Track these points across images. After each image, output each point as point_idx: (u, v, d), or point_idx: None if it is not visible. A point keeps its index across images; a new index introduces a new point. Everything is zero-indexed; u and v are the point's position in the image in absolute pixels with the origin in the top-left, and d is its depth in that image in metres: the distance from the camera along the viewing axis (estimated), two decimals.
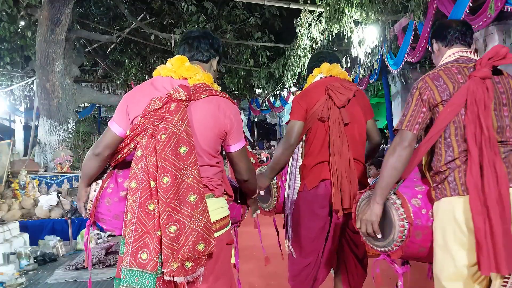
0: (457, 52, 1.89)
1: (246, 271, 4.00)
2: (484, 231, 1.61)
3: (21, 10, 7.73)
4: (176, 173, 1.56)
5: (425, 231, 1.80)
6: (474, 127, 1.69)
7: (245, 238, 2.60)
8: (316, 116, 2.46)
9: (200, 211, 1.58)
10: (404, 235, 1.77)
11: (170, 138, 1.59)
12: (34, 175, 6.12)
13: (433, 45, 2.02)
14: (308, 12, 6.47)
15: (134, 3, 9.57)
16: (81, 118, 10.50)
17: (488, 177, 1.64)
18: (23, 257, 4.04)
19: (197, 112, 1.70)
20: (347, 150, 2.42)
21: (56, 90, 7.41)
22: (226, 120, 1.73)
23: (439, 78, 1.80)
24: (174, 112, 1.62)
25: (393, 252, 1.84)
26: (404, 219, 1.78)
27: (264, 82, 10.04)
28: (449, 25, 1.96)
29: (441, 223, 1.75)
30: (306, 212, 2.53)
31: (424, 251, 1.83)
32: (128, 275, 1.58)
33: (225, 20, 9.08)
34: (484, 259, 1.61)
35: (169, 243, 1.54)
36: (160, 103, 1.64)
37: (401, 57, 5.67)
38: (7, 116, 14.56)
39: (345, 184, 2.39)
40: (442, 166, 1.77)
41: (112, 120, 1.76)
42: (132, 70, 10.59)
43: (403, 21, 5.49)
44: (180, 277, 1.57)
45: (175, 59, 1.79)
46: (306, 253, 2.53)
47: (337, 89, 2.45)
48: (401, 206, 1.79)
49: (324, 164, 2.46)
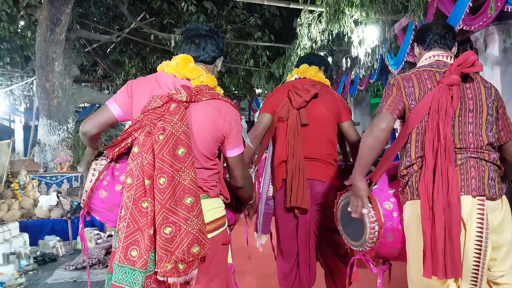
0: (433, 56, 1.92)
1: (245, 271, 4.00)
2: (430, 235, 1.67)
3: (21, 10, 7.73)
4: (173, 174, 1.56)
5: (396, 234, 1.87)
6: (433, 134, 1.74)
7: (243, 238, 2.60)
8: (278, 116, 2.57)
9: (195, 213, 1.57)
10: (374, 236, 1.86)
11: (168, 139, 1.57)
12: (34, 175, 6.11)
13: (415, 48, 2.06)
14: (308, 12, 6.48)
15: (134, 3, 9.57)
16: (81, 118, 10.50)
17: (439, 184, 1.69)
18: (23, 257, 4.03)
19: (197, 115, 1.68)
20: (299, 150, 2.49)
21: (56, 90, 7.40)
22: (226, 125, 1.72)
23: (410, 80, 1.85)
24: (173, 112, 1.61)
25: (366, 252, 1.93)
26: (374, 221, 1.86)
27: (264, 82, 10.03)
28: (429, 28, 1.98)
29: (407, 226, 1.81)
30: (279, 212, 2.62)
31: (396, 251, 1.91)
32: (118, 270, 1.58)
33: (225, 20, 9.08)
34: (427, 263, 1.67)
35: (164, 244, 1.54)
36: (160, 102, 1.63)
37: (401, 57, 5.67)
38: (7, 116, 14.54)
39: (293, 183, 2.47)
40: (403, 170, 1.84)
41: (112, 100, 1.75)
42: (132, 70, 10.58)
43: (403, 21, 5.49)
44: (173, 278, 1.56)
45: (180, 58, 1.77)
46: (286, 255, 2.59)
47: (296, 91, 2.54)
48: (372, 209, 1.87)
49: (284, 164, 2.55)
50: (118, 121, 1.77)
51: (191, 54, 1.81)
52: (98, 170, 1.80)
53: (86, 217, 1.86)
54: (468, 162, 1.75)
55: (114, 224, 1.81)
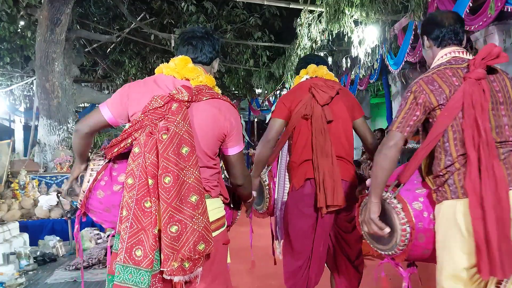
0: (450, 53, 1.87)
1: (245, 271, 4.00)
2: (483, 234, 1.61)
3: (21, 10, 7.73)
4: (178, 173, 1.57)
5: (428, 234, 1.80)
6: (472, 130, 1.68)
7: (244, 239, 2.59)
8: (300, 115, 2.50)
9: (201, 211, 1.59)
10: (406, 239, 1.78)
11: (173, 139, 1.59)
12: (34, 175, 6.12)
13: (424, 41, 1.98)
14: (308, 12, 6.47)
15: (134, 3, 9.56)
16: (81, 118, 10.49)
17: (486, 181, 1.63)
18: (23, 257, 4.04)
19: (198, 114, 1.70)
20: (330, 148, 2.44)
21: (56, 90, 7.40)
22: (227, 123, 1.74)
23: (434, 82, 1.78)
24: (176, 112, 1.62)
25: (397, 255, 1.84)
26: (405, 223, 1.78)
27: (264, 82, 10.03)
28: (441, 23, 1.90)
29: (442, 226, 1.75)
30: (295, 211, 2.55)
31: (428, 252, 1.83)
32: (122, 271, 1.58)
33: (225, 20, 9.08)
34: (483, 263, 1.61)
35: (170, 242, 1.55)
36: (162, 102, 1.64)
37: (401, 57, 5.67)
38: (7, 116, 14.54)
39: (327, 181, 2.40)
40: (442, 170, 1.77)
41: (105, 104, 1.77)
42: (132, 70, 10.58)
43: (403, 21, 5.49)
44: (178, 276, 1.57)
45: (178, 59, 1.79)
46: (297, 254, 2.54)
47: (320, 88, 2.50)
48: (402, 210, 1.80)
49: (308, 163, 2.48)
50: (110, 124, 1.78)
51: (189, 55, 1.83)
52: (96, 171, 1.80)
53: (82, 218, 1.87)
54: (511, 156, 1.72)
55: (111, 225, 1.82)
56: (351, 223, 2.55)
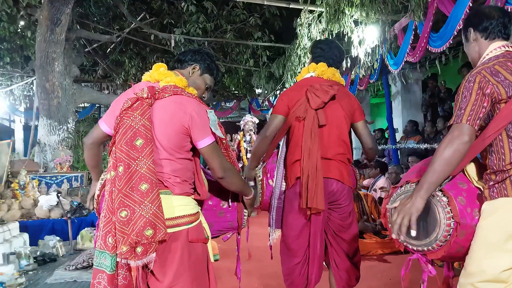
0: (503, 47, 1.80)
1: (245, 271, 4.00)
2: None
3: (21, 10, 7.72)
4: (129, 163, 1.73)
5: (469, 231, 1.71)
6: None
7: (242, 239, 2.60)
8: (295, 115, 2.54)
9: (150, 199, 1.70)
10: (449, 234, 1.70)
11: (126, 131, 1.76)
12: (34, 175, 6.11)
13: (470, 33, 1.88)
14: (308, 12, 6.47)
15: (134, 3, 9.56)
16: (81, 118, 10.50)
17: None
18: (23, 257, 4.03)
19: (160, 110, 1.84)
20: (316, 151, 2.46)
21: (56, 90, 7.39)
22: (186, 117, 1.83)
23: (498, 73, 1.68)
24: (135, 108, 1.79)
25: (433, 252, 1.74)
26: (451, 217, 1.70)
27: (264, 82, 10.03)
28: (491, 16, 1.83)
29: (494, 223, 1.66)
30: (289, 209, 2.60)
31: (462, 250, 1.74)
32: (99, 256, 1.77)
33: (225, 20, 9.07)
34: None
35: (120, 227, 1.69)
36: (130, 102, 1.81)
37: (401, 57, 5.67)
38: (7, 116, 14.55)
39: (310, 184, 2.44)
40: (507, 165, 1.67)
41: (102, 119, 1.99)
42: (132, 70, 10.58)
43: (403, 21, 5.48)
44: (131, 260, 1.68)
45: (154, 66, 1.99)
46: (293, 252, 2.57)
47: (315, 92, 2.51)
48: (448, 204, 1.71)
49: (298, 162, 2.53)
50: (109, 135, 1.95)
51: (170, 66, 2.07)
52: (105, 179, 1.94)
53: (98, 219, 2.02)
54: None
55: None
56: (346, 221, 2.57)
